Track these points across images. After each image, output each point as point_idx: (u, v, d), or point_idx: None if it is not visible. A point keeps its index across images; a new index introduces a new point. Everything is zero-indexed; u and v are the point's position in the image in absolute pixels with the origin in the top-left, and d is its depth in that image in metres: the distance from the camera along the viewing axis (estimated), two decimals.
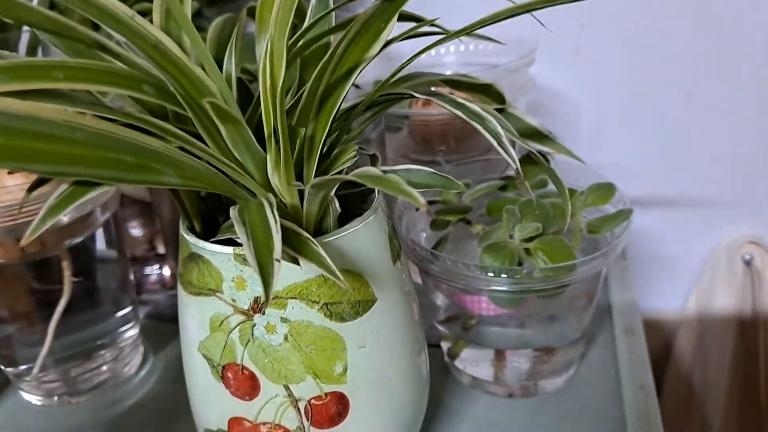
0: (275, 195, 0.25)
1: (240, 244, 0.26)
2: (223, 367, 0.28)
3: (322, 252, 0.22)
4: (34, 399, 0.42)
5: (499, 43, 0.31)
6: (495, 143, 0.26)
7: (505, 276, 0.33)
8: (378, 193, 0.29)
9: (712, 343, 0.58)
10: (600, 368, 0.40)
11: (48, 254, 0.39)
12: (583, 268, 0.33)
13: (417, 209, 0.40)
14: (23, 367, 0.42)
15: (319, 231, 0.27)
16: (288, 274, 0.26)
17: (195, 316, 0.28)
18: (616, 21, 0.54)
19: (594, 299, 0.39)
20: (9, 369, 0.42)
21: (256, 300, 0.26)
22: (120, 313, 0.44)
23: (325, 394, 0.27)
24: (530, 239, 0.34)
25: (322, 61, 0.25)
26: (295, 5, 0.22)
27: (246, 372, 0.27)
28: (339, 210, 0.27)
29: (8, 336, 0.41)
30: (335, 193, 0.27)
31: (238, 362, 0.27)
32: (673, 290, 0.62)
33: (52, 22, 0.20)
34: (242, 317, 0.27)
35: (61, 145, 0.19)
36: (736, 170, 0.57)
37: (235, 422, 0.28)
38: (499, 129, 0.27)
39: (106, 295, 0.43)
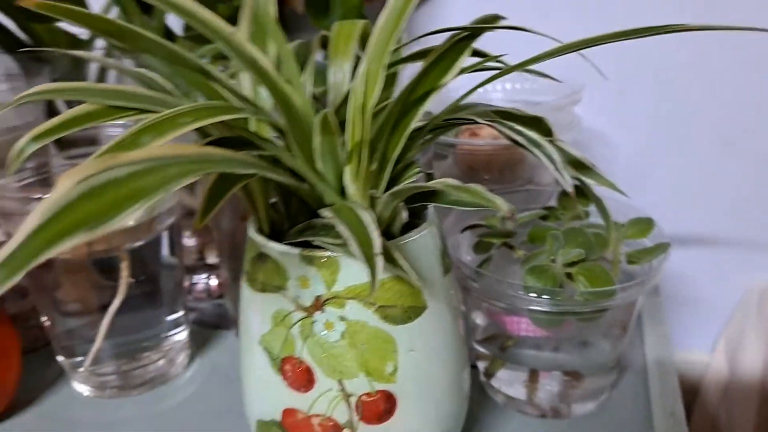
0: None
1: (305, 247, 0.28)
2: (282, 360, 0.30)
3: (399, 255, 0.25)
4: (86, 390, 0.45)
5: (555, 79, 0.33)
6: (552, 167, 0.28)
7: (547, 297, 0.35)
8: (432, 209, 0.32)
9: (739, 385, 0.59)
10: (631, 396, 0.41)
11: (112, 254, 0.42)
12: (622, 294, 0.35)
13: (465, 227, 0.43)
14: (78, 359, 0.44)
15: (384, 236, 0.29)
16: (349, 275, 0.28)
17: (259, 311, 0.30)
18: (660, 67, 0.56)
19: (628, 329, 0.40)
20: (64, 360, 0.45)
21: (318, 298, 0.28)
22: (172, 317, 0.46)
23: (375, 391, 0.29)
24: (572, 264, 0.36)
25: (404, 88, 0.27)
26: (396, 34, 0.25)
27: (303, 366, 0.29)
28: (406, 219, 0.29)
29: (68, 328, 0.44)
30: None
31: (297, 356, 0.29)
32: (703, 331, 0.63)
33: (168, 52, 0.23)
34: (303, 314, 0.29)
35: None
36: None
37: (288, 413, 0.30)
38: (556, 155, 0.29)
39: (162, 298, 0.46)
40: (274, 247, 0.29)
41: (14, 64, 0.51)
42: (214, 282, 0.55)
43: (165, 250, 0.45)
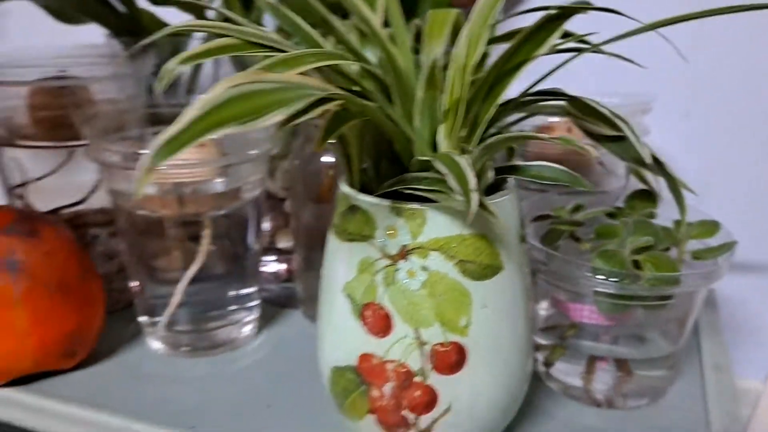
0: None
1: (394, 198, 0.30)
2: (364, 306, 0.32)
3: (490, 204, 0.27)
4: (161, 348, 0.47)
5: (637, 64, 0.35)
6: (632, 138, 0.30)
7: (614, 280, 0.36)
8: (512, 180, 0.34)
9: None
10: (688, 397, 0.42)
11: (198, 218, 0.45)
12: (686, 282, 0.36)
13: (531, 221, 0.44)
14: (156, 318, 0.47)
15: None
16: (434, 228, 0.30)
17: (345, 260, 0.32)
18: (726, 88, 0.57)
19: (685, 327, 0.41)
20: (143, 318, 0.48)
21: (403, 247, 0.31)
22: (245, 290, 0.49)
23: (448, 342, 0.31)
24: (640, 252, 0.37)
25: (498, 57, 0.30)
26: (498, 3, 0.27)
27: (383, 311, 0.31)
28: (492, 179, 0.31)
29: (153, 289, 0.47)
30: None
31: (378, 302, 0.31)
32: (757, 359, 0.62)
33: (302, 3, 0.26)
34: (389, 261, 0.31)
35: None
36: None
37: (365, 358, 0.32)
38: (635, 130, 0.31)
39: (238, 269, 0.48)
40: (366, 199, 0.31)
41: (120, 48, 0.56)
42: (283, 266, 0.58)
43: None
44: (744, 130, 0.58)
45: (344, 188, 0.33)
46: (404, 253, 0.31)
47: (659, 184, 0.44)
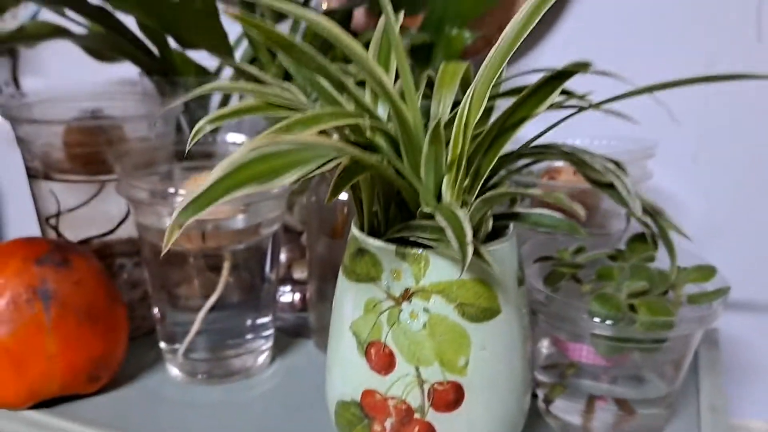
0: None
1: (399, 244, 0.33)
2: (369, 344, 0.34)
3: (485, 251, 0.29)
4: (179, 375, 0.50)
5: (632, 120, 0.37)
6: (624, 192, 0.32)
7: (611, 322, 0.38)
8: (512, 226, 0.36)
9: None
10: None
11: (219, 252, 0.47)
12: (680, 326, 0.38)
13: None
14: (176, 346, 0.49)
15: None
16: (436, 272, 0.32)
17: (352, 299, 0.35)
18: (735, 132, 0.59)
19: (682, 368, 0.42)
20: (163, 344, 0.50)
21: (407, 290, 0.33)
22: (261, 320, 0.51)
23: (447, 381, 0.33)
24: (636, 296, 0.39)
25: (501, 114, 0.32)
26: (501, 66, 0.30)
27: (387, 350, 0.33)
28: (490, 229, 0.33)
29: (170, 315, 0.49)
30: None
31: (382, 341, 0.33)
32: (763, 398, 0.63)
33: (318, 66, 0.29)
34: (393, 303, 0.33)
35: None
36: None
37: (368, 394, 0.34)
38: (629, 185, 0.33)
39: (255, 300, 0.51)
40: (374, 243, 0.34)
41: (151, 86, 0.59)
42: (297, 297, 0.60)
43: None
44: (750, 174, 0.60)
45: (354, 231, 0.35)
46: (407, 295, 0.33)
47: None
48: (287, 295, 0.60)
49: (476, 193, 0.33)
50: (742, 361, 0.63)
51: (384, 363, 0.34)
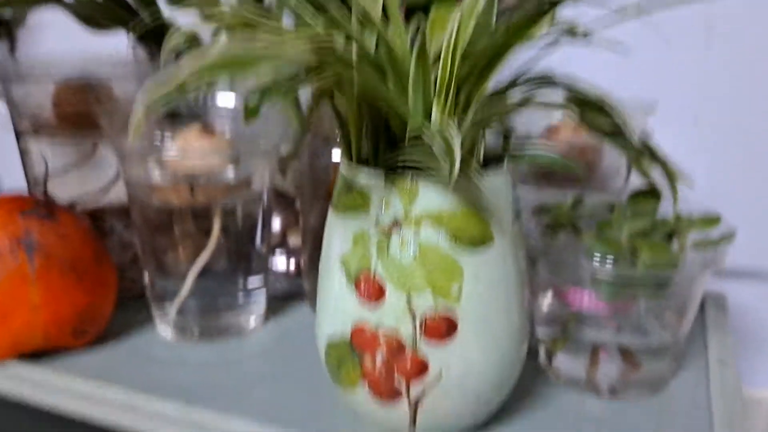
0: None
1: (388, 173, 0.32)
2: (358, 275, 0.33)
3: (475, 166, 0.28)
4: (169, 335, 0.48)
5: (621, 47, 0.35)
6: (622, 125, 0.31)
7: (611, 263, 0.37)
8: (506, 163, 0.34)
9: None
10: (692, 389, 0.42)
11: (209, 209, 0.46)
12: (684, 266, 0.36)
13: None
14: (166, 306, 0.48)
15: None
16: (426, 200, 0.31)
17: (341, 233, 0.34)
18: (735, 93, 0.58)
19: (687, 316, 0.41)
20: (154, 305, 0.49)
21: (396, 219, 0.31)
22: (254, 281, 0.50)
23: (439, 309, 0.32)
24: (638, 238, 0.38)
25: (492, 39, 0.31)
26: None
27: (377, 280, 0.32)
28: (482, 159, 0.32)
29: (161, 279, 0.48)
30: None
31: (372, 271, 0.32)
32: None
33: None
34: (382, 233, 0.32)
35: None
36: None
37: (358, 327, 0.33)
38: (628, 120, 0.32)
39: (247, 260, 0.50)
40: (362, 173, 0.32)
41: (143, 53, 0.58)
42: (292, 266, 0.59)
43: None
44: (753, 135, 0.58)
45: (343, 164, 0.34)
46: (397, 225, 0.32)
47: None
48: (282, 262, 0.59)
49: (468, 119, 0.32)
50: (751, 330, 0.61)
51: (374, 292, 0.32)
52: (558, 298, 0.42)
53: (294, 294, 0.56)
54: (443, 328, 0.32)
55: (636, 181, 0.45)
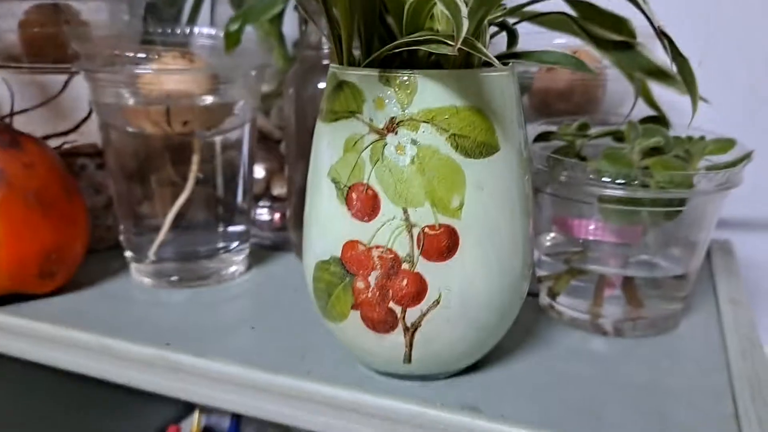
0: None
1: (384, 67, 0.28)
2: (349, 187, 0.29)
3: (482, 47, 0.25)
4: (147, 281, 0.45)
5: None
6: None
7: (622, 182, 0.34)
8: (513, 64, 0.31)
9: None
10: (702, 328, 0.39)
11: (187, 140, 0.43)
12: (700, 185, 0.34)
13: None
14: (141, 252, 0.45)
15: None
16: (425, 98, 0.28)
17: (330, 141, 0.30)
18: (739, 36, 0.55)
19: (697, 250, 0.38)
20: (129, 253, 0.46)
21: (392, 120, 0.28)
22: (236, 229, 0.47)
23: (439, 225, 0.29)
24: (650, 156, 0.35)
25: None
26: None
27: (370, 191, 0.29)
28: (489, 44, 0.29)
29: (137, 223, 0.45)
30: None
31: (365, 182, 0.29)
32: None
33: None
34: (376, 136, 0.29)
35: None
36: None
37: (350, 245, 0.30)
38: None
39: (229, 202, 0.46)
40: (354, 72, 0.29)
41: None
42: (277, 216, 0.56)
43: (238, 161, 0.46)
44: (757, 80, 0.56)
45: (332, 66, 0.31)
46: (393, 126, 0.28)
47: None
48: (266, 213, 0.55)
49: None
50: (762, 286, 0.59)
51: (367, 206, 0.29)
52: (562, 231, 0.39)
53: (279, 244, 0.53)
54: (443, 244, 0.29)
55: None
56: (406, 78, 0.28)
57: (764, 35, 0.55)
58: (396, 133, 0.28)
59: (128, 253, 0.46)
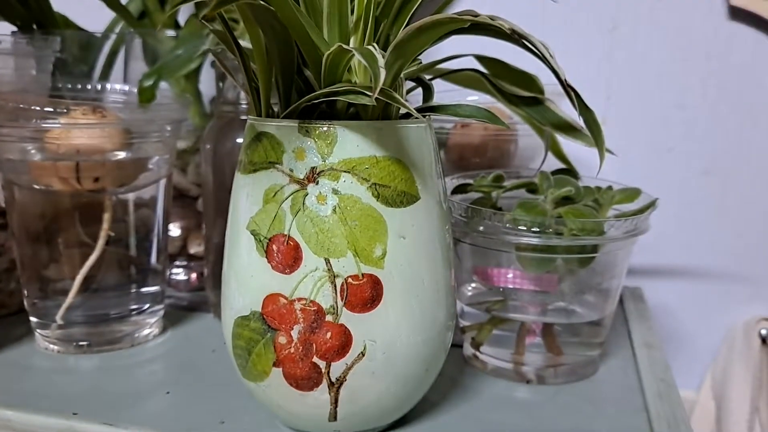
0: None
1: (302, 119, 0.29)
2: (270, 239, 0.29)
3: (399, 97, 0.25)
4: (54, 347, 0.42)
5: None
6: (545, 57, 0.29)
7: (537, 230, 0.35)
8: (430, 118, 0.32)
9: (728, 423, 0.56)
10: (620, 372, 0.40)
11: (99, 197, 0.41)
12: (611, 232, 0.35)
13: None
14: (47, 317, 0.42)
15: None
16: (345, 148, 0.28)
17: (249, 193, 0.30)
18: (640, 96, 0.59)
19: (612, 295, 0.39)
20: (34, 319, 0.43)
21: (312, 170, 0.28)
22: (150, 291, 0.45)
23: (362, 275, 0.28)
24: (562, 205, 0.36)
25: None
26: None
27: (291, 242, 0.29)
28: (405, 98, 0.30)
29: (42, 282, 0.42)
30: None
31: (285, 233, 0.29)
32: (689, 369, 0.61)
33: None
34: (297, 186, 0.29)
35: None
36: (753, 247, 0.59)
37: (270, 300, 0.29)
38: (547, 52, 0.30)
39: (141, 264, 0.45)
40: (273, 123, 0.29)
41: (24, 43, 0.53)
42: (194, 276, 0.54)
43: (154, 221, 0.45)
44: (656, 135, 0.60)
45: (250, 119, 0.31)
46: (314, 176, 0.28)
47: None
48: (183, 272, 0.54)
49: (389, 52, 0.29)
50: (663, 333, 0.61)
51: (288, 258, 0.29)
52: (482, 280, 0.40)
53: (196, 305, 0.51)
54: (367, 294, 0.28)
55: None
56: (326, 128, 0.28)
57: (659, 95, 0.59)
58: (317, 183, 0.28)
59: (33, 319, 0.43)
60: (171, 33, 0.50)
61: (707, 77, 0.58)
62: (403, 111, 0.32)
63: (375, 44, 0.25)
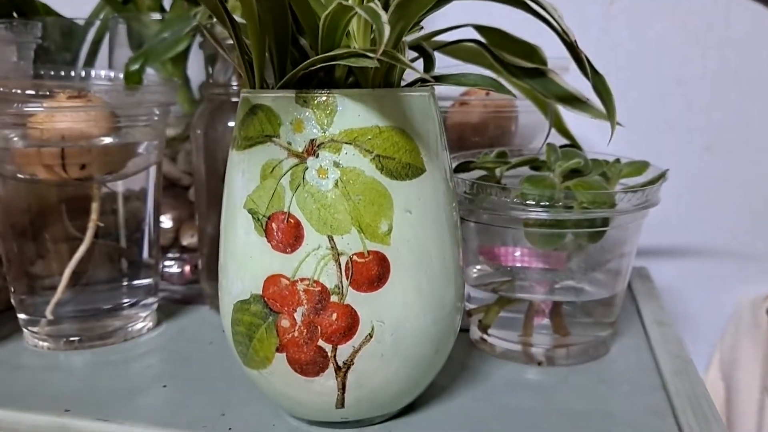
0: None
1: (300, 89, 0.27)
2: (268, 218, 0.27)
3: (403, 58, 0.24)
4: (43, 344, 0.41)
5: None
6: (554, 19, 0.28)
7: (545, 204, 0.33)
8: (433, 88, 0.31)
9: (737, 402, 0.55)
10: (632, 351, 0.39)
11: (87, 186, 0.40)
12: (621, 204, 0.34)
13: None
14: (36, 313, 0.40)
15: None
16: (346, 118, 0.27)
17: (245, 170, 0.28)
18: (639, 71, 0.58)
19: (622, 272, 0.38)
20: (22, 315, 0.41)
21: (312, 142, 0.27)
22: (142, 281, 0.43)
23: (368, 252, 0.27)
24: (570, 177, 0.35)
25: None
26: None
27: (291, 220, 0.27)
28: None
29: (29, 278, 0.41)
30: None
31: (285, 210, 0.27)
32: (696, 349, 0.60)
33: None
34: (296, 160, 0.27)
35: None
36: (759, 224, 0.58)
37: (271, 281, 0.28)
38: (556, 14, 0.28)
39: (134, 256, 0.43)
40: (269, 94, 0.28)
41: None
42: (187, 268, 0.52)
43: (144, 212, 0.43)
44: (656, 116, 0.58)
45: (243, 92, 0.29)
46: (313, 149, 0.27)
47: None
48: (176, 265, 0.52)
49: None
50: (672, 313, 0.60)
51: (289, 237, 0.27)
52: (488, 260, 0.39)
53: (191, 297, 0.50)
54: (373, 272, 0.27)
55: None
56: (324, 97, 0.27)
57: (660, 74, 0.58)
58: (317, 156, 0.27)
59: (21, 316, 0.41)
60: (157, 16, 0.48)
61: (707, 50, 0.57)
62: (404, 82, 0.31)
63: (376, 1, 0.24)
